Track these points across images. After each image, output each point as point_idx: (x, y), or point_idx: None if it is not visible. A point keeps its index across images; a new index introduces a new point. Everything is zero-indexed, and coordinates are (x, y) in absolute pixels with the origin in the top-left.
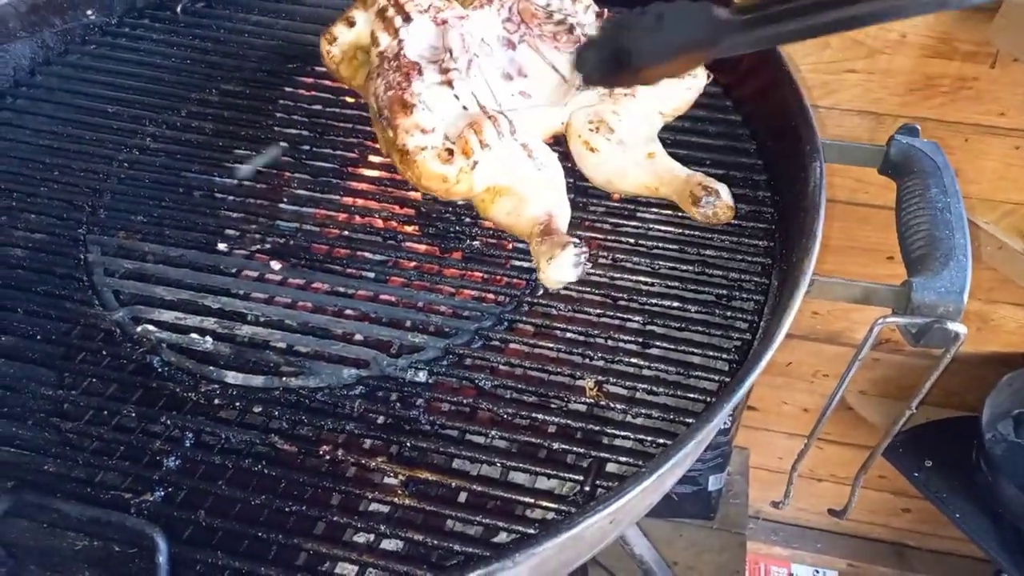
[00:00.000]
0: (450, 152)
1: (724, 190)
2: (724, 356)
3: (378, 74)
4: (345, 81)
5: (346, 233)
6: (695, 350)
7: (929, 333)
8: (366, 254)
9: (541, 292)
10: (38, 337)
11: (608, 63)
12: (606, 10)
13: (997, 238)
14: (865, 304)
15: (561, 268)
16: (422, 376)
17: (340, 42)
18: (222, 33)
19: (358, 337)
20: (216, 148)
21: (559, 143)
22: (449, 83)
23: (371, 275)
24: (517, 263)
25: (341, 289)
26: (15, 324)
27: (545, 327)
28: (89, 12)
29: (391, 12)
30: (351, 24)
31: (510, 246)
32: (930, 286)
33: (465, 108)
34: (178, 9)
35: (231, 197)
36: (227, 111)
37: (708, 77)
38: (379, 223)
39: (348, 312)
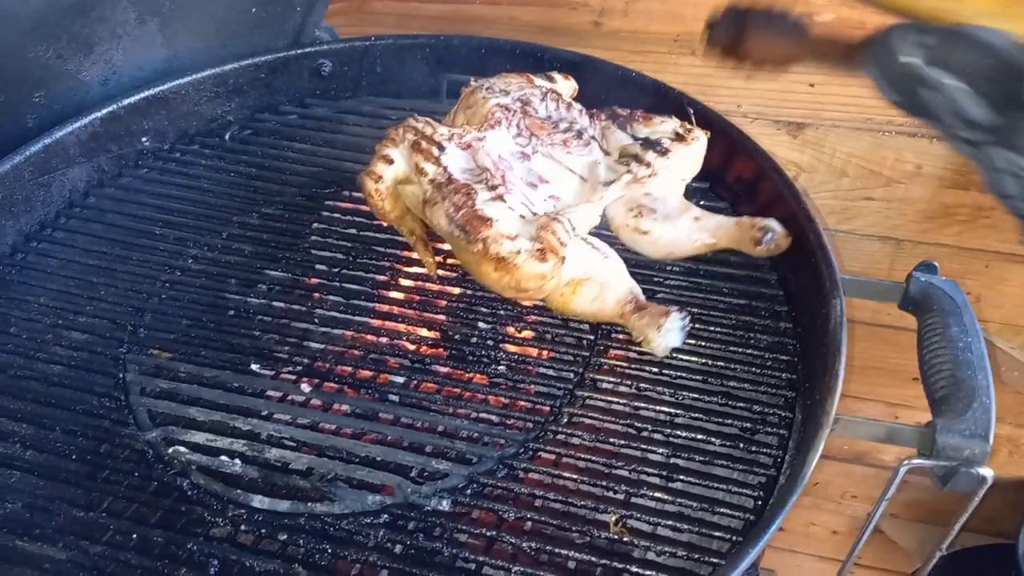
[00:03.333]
0: (541, 252)
1: (775, 222)
2: (749, 492)
3: (441, 198)
4: (386, 215)
5: (373, 355)
6: (719, 485)
7: (955, 477)
8: (393, 376)
9: (565, 420)
10: (73, 456)
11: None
12: (595, 110)
13: (1022, 363)
14: (889, 443)
15: (670, 333)
16: (445, 505)
17: (385, 179)
18: (266, 160)
19: (382, 461)
20: (253, 270)
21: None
22: (500, 197)
23: (396, 398)
24: (542, 389)
25: (366, 412)
26: (53, 442)
27: (569, 457)
28: (144, 139)
29: (424, 144)
30: (389, 161)
31: (535, 371)
32: (954, 428)
33: (522, 217)
34: (226, 137)
35: (265, 317)
36: (266, 234)
37: (707, 134)
38: (406, 345)
39: (373, 435)
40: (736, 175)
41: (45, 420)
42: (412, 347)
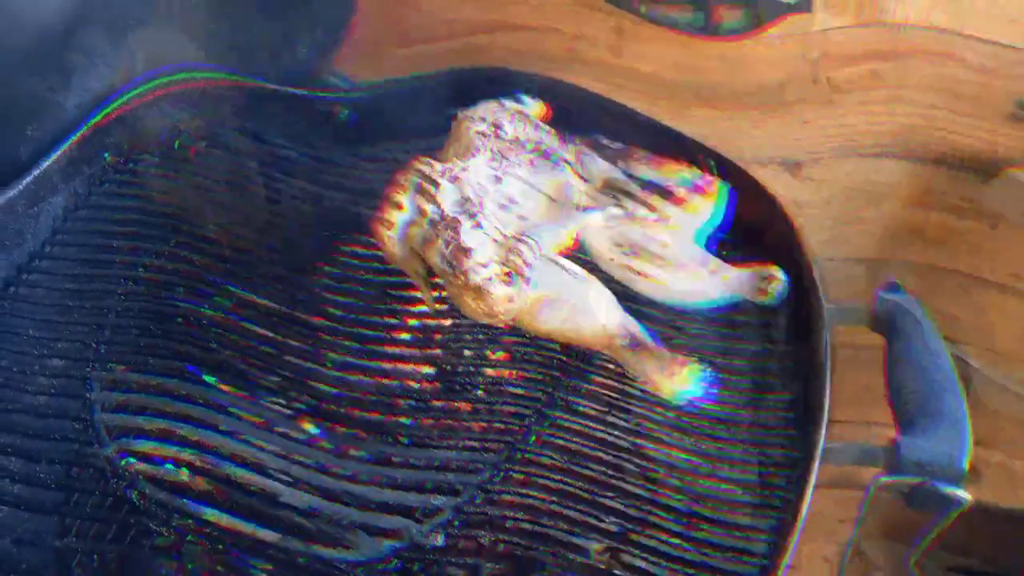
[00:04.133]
0: (508, 274)
1: (779, 271)
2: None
3: (435, 236)
4: (394, 258)
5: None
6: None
7: (920, 494)
8: (386, 414)
9: (545, 441)
10: (53, 486)
11: None
12: (569, 135)
13: (995, 381)
14: (860, 465)
15: (687, 384)
16: (440, 540)
17: (396, 226)
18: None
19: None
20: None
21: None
22: (478, 224)
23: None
24: (522, 411)
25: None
26: (38, 474)
27: (549, 479)
28: (108, 155)
29: (425, 184)
30: (400, 207)
31: (513, 394)
32: (917, 445)
33: (495, 240)
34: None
35: (219, 330)
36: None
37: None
38: (408, 382)
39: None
40: (741, 216)
41: (32, 452)
42: (413, 383)
